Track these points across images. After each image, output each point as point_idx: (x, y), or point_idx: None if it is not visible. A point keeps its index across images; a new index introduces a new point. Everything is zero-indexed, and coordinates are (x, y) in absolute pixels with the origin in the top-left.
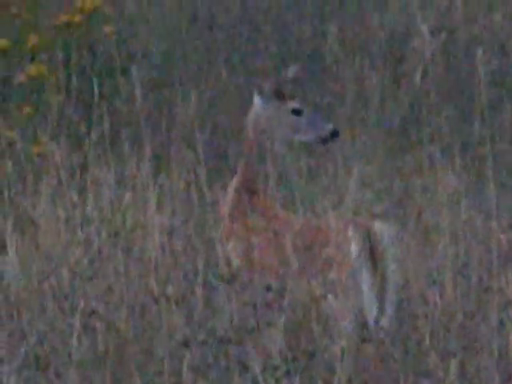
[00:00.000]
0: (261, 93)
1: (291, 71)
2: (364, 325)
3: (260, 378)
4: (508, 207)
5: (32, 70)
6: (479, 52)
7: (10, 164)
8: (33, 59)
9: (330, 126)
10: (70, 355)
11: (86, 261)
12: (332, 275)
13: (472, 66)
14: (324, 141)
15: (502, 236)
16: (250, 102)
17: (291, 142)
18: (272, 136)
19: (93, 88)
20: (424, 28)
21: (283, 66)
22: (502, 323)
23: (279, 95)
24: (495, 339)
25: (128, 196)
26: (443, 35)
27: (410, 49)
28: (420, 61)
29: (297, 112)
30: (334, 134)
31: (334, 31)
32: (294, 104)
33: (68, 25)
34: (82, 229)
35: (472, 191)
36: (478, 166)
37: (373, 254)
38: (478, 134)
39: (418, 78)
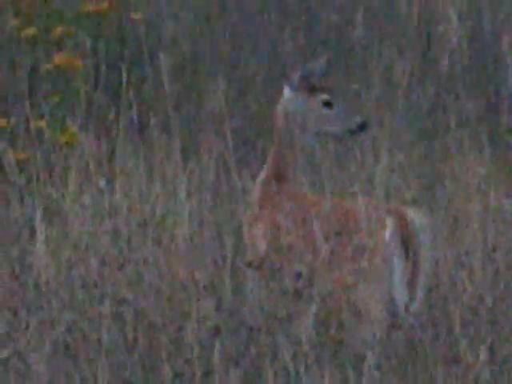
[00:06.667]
0: (290, 84)
1: (318, 66)
2: (394, 311)
3: (290, 366)
4: None
5: (59, 58)
6: (505, 38)
7: (38, 153)
8: (60, 48)
9: (358, 119)
10: (99, 343)
11: (115, 249)
12: (363, 262)
13: (499, 52)
14: (352, 133)
15: None
16: (278, 89)
17: (320, 132)
18: (301, 127)
19: (121, 76)
20: (451, 13)
21: (311, 54)
22: None
23: (309, 87)
24: None
25: (157, 184)
26: (470, 21)
27: (438, 35)
28: (447, 47)
29: (327, 105)
30: (363, 127)
31: (362, 18)
32: (324, 96)
33: (95, 13)
34: (110, 218)
35: (500, 177)
36: (505, 153)
37: (405, 240)
38: (505, 121)
39: (444, 63)
